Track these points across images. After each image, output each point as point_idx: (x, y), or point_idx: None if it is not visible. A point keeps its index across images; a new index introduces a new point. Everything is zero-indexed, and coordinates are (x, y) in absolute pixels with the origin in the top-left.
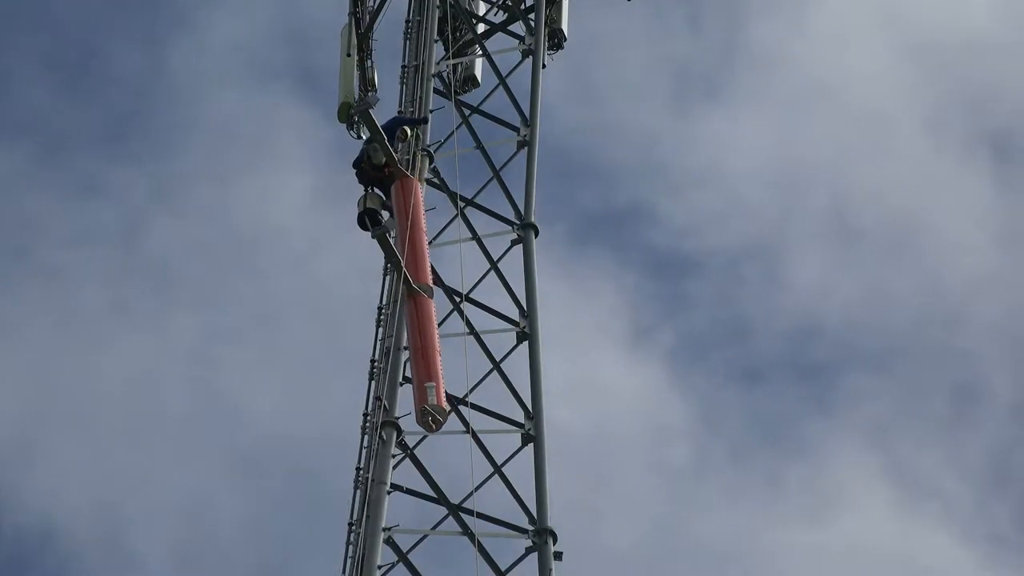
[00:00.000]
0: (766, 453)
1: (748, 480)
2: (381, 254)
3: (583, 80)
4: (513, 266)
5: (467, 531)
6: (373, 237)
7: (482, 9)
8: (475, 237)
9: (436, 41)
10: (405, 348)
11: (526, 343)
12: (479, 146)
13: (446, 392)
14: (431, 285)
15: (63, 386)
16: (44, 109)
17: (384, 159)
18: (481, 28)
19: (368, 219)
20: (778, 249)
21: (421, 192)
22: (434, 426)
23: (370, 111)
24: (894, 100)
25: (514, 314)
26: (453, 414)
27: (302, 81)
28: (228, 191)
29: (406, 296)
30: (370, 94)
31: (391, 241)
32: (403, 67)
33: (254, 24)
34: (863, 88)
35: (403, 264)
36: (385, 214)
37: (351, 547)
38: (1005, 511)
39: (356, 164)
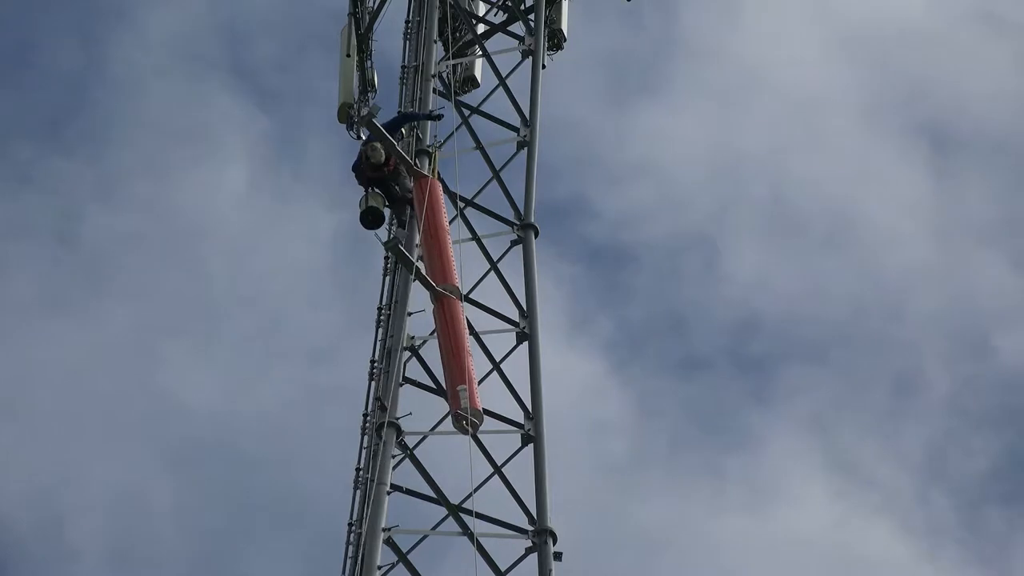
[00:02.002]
0: (705, 444)
1: (687, 471)
2: (321, 248)
3: (523, 74)
4: (513, 266)
5: (467, 531)
6: (386, 248)
7: (482, 9)
8: (475, 237)
9: (436, 41)
10: (406, 349)
11: (526, 343)
12: (479, 146)
13: None
14: (457, 286)
15: None
16: None
17: (383, 158)
18: (481, 28)
19: (371, 217)
20: (716, 241)
21: (440, 190)
22: (471, 429)
23: (374, 119)
24: (830, 91)
25: (514, 314)
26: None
27: (236, 73)
28: (165, 183)
29: (432, 299)
30: (372, 103)
31: (403, 249)
32: (403, 67)
33: (189, 16)
34: (799, 79)
35: (429, 267)
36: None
37: (351, 547)
38: (943, 502)
39: (355, 167)
